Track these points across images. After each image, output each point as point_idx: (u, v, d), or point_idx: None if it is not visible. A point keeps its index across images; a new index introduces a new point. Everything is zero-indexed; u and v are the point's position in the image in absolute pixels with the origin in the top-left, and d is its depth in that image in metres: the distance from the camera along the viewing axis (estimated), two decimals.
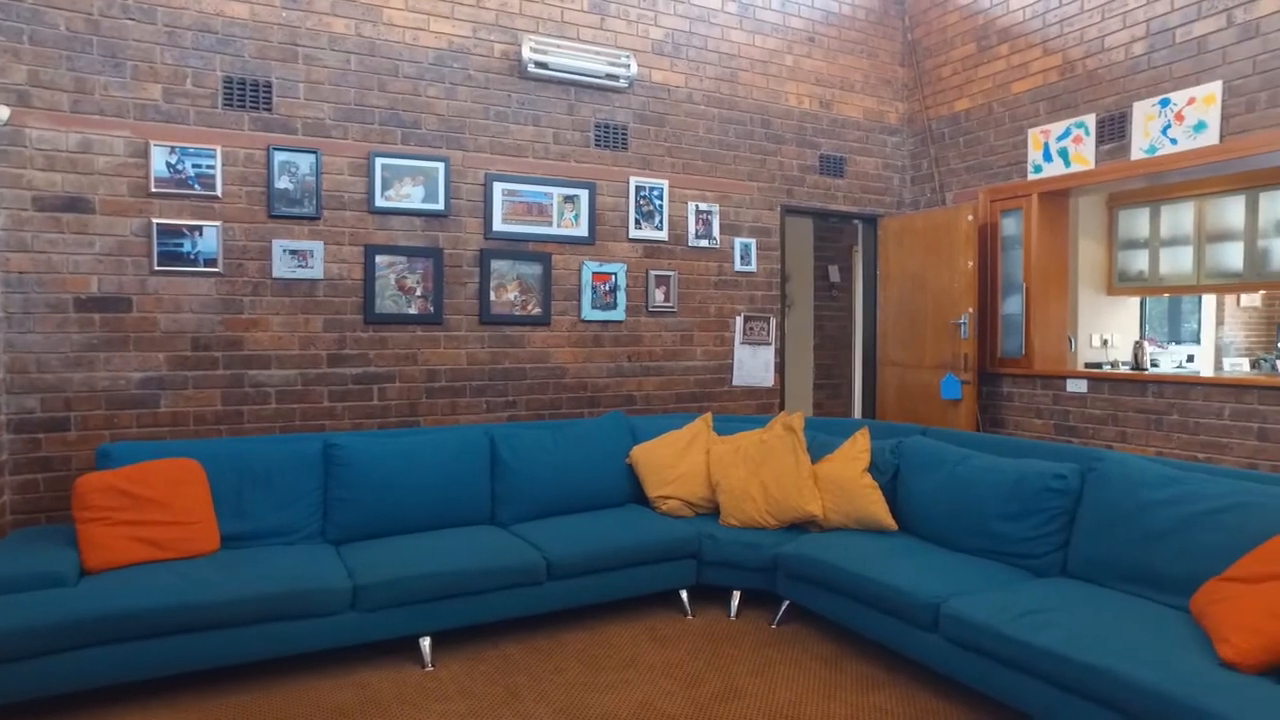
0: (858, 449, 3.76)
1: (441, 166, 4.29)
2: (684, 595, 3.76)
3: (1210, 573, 2.62)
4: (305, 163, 3.97)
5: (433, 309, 4.31)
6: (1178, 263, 6.46)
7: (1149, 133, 4.43)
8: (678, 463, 4.06)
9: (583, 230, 4.67)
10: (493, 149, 4.44)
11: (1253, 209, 6.01)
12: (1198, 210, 6.33)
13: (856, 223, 5.92)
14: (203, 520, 3.20)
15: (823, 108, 5.50)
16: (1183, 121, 4.27)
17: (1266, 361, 7.03)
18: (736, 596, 3.73)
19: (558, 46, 4.52)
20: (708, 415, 4.34)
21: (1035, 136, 5.05)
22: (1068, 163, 4.86)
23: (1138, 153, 4.49)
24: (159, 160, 3.65)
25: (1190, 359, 7.47)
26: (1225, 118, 4.12)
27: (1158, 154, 4.39)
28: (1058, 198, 5.13)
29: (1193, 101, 4.23)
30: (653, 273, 4.87)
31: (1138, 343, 6.83)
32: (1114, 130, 4.62)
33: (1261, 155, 4.01)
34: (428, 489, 3.70)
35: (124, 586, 2.76)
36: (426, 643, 3.20)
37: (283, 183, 3.93)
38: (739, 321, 5.17)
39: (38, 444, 3.53)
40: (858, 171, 5.68)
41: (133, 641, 2.69)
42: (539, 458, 3.97)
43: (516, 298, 4.51)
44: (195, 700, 2.87)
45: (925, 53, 5.79)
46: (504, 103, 4.47)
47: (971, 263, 5.09)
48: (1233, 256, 6.15)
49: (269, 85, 3.89)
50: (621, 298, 4.78)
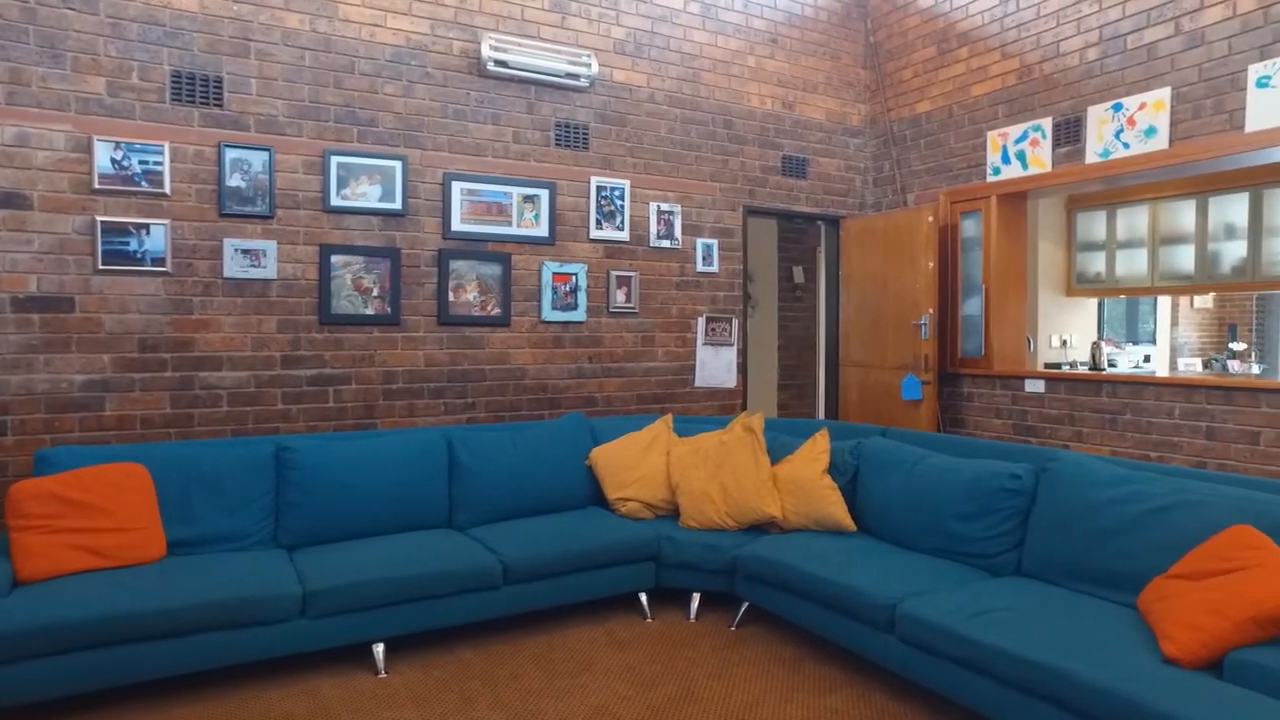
0: (817, 450, 3.77)
1: (399, 165, 4.23)
2: (643, 598, 3.73)
3: (1157, 570, 2.66)
4: (258, 160, 3.89)
5: (390, 310, 4.24)
6: (1133, 265, 6.58)
7: (1103, 137, 4.49)
8: (638, 464, 4.04)
9: (543, 230, 4.62)
10: (451, 148, 4.39)
11: (1203, 213, 6.14)
12: (1151, 214, 6.45)
13: (819, 224, 5.94)
14: (147, 526, 3.11)
15: (785, 109, 5.51)
16: (1134, 126, 4.34)
17: (1218, 361, 7.19)
18: (696, 599, 3.72)
19: (518, 45, 4.48)
20: (668, 417, 4.32)
21: (994, 139, 5.10)
22: (1025, 165, 4.92)
23: (1092, 156, 4.55)
24: (103, 156, 3.55)
25: (1147, 359, 7.61)
26: (1174, 123, 4.19)
27: (1111, 158, 4.46)
28: (1016, 199, 5.19)
29: (1143, 107, 4.29)
30: (614, 273, 4.84)
31: (1095, 343, 6.94)
32: (1070, 134, 4.68)
33: (1207, 160, 4.09)
34: (383, 492, 3.64)
35: (58, 597, 2.67)
36: (380, 649, 3.14)
37: (234, 180, 3.84)
38: (701, 322, 5.16)
39: None
40: (820, 173, 5.70)
41: (68, 654, 2.60)
42: (497, 460, 3.93)
43: (476, 298, 4.46)
44: (139, 713, 2.78)
45: (887, 55, 5.82)
46: (463, 101, 4.41)
47: (932, 264, 5.13)
48: (1184, 259, 6.28)
49: (220, 80, 3.80)
50: (582, 298, 4.75)
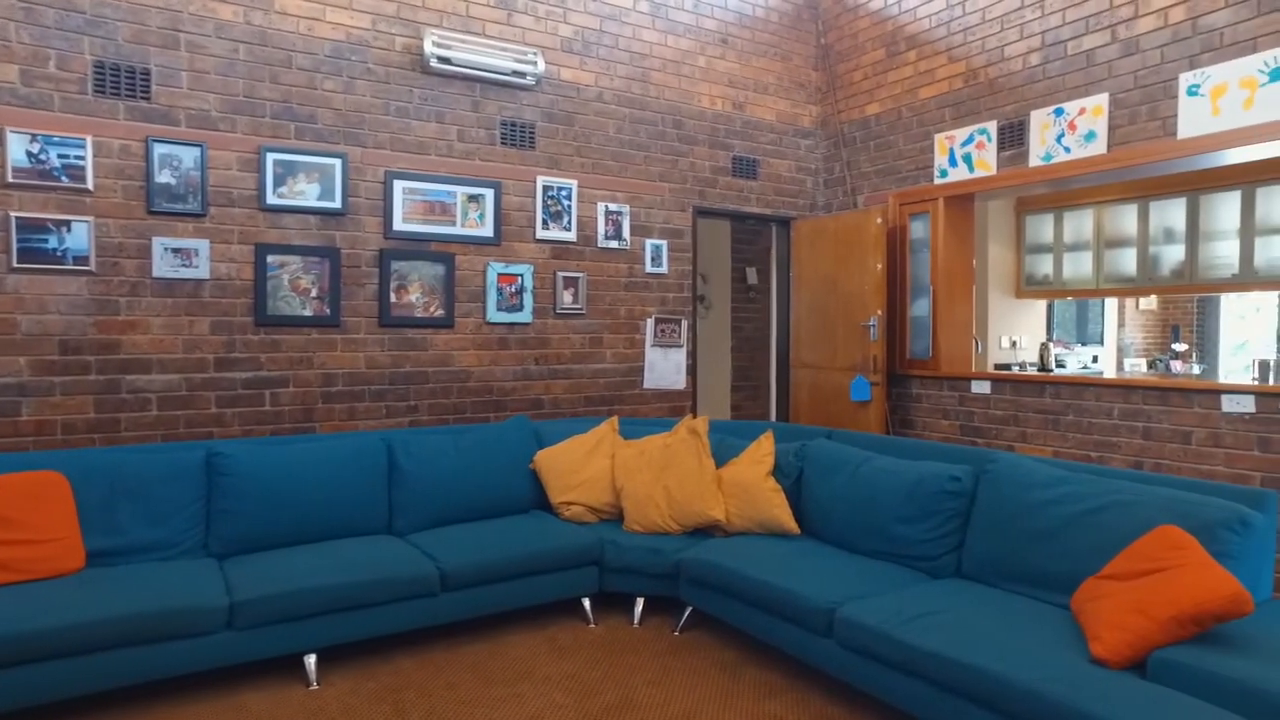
0: (762, 452, 3.75)
1: (338, 163, 4.12)
2: (586, 603, 3.68)
3: (1089, 571, 2.67)
4: (189, 156, 3.76)
5: (329, 310, 4.14)
6: (1079, 267, 6.69)
7: (1045, 140, 4.55)
8: (582, 468, 3.99)
9: (488, 230, 4.55)
10: (393, 146, 4.29)
11: (1143, 217, 6.26)
12: (1096, 217, 6.56)
13: (771, 225, 5.94)
14: (64, 538, 2.98)
15: (736, 109, 5.50)
16: (1075, 131, 4.40)
17: (1161, 362, 7.34)
18: (640, 603, 3.68)
19: (462, 41, 4.40)
20: (614, 419, 4.28)
21: (941, 141, 5.14)
22: (971, 168, 4.96)
23: (1035, 159, 4.61)
24: (17, 148, 3.40)
25: (1095, 359, 7.75)
26: (1112, 128, 4.25)
27: (1053, 161, 4.51)
28: (963, 201, 5.23)
29: (1083, 112, 4.35)
30: (561, 274, 4.78)
31: (1044, 344, 7.05)
32: (1014, 137, 4.73)
33: (1143, 165, 4.16)
34: (320, 498, 3.54)
35: None
36: (312, 660, 3.05)
37: (164, 177, 3.71)
38: (650, 324, 5.12)
39: None
40: (771, 174, 5.70)
41: None
42: (439, 464, 3.85)
43: (418, 299, 4.37)
44: None
45: (837, 57, 5.85)
46: (405, 98, 4.32)
47: (881, 265, 5.16)
48: (1127, 262, 6.40)
49: (146, 72, 3.67)
50: (528, 299, 4.68)
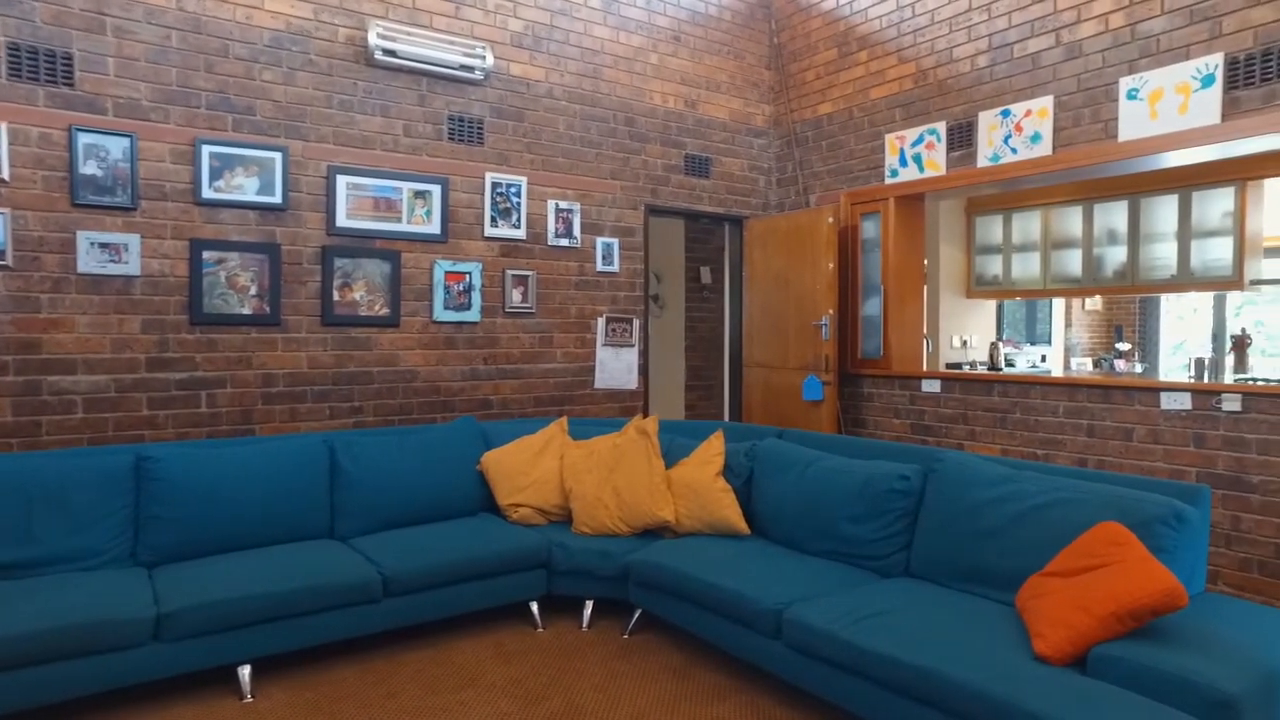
0: (712, 452, 3.72)
1: (279, 157, 4.00)
2: (534, 607, 3.62)
3: (1034, 568, 2.69)
4: (117, 147, 3.61)
5: (269, 309, 4.00)
6: (1027, 268, 6.80)
7: (993, 141, 4.60)
8: (530, 469, 3.91)
9: (435, 227, 4.45)
10: (336, 140, 4.17)
11: (1088, 219, 6.38)
12: (1043, 219, 6.67)
13: (724, 224, 5.93)
14: None
15: (688, 107, 5.47)
16: (1021, 132, 4.45)
17: (1106, 361, 7.50)
18: (589, 606, 3.62)
19: (408, 34, 4.29)
20: (563, 420, 4.21)
21: (892, 141, 5.17)
22: (921, 168, 5.00)
23: (983, 160, 4.66)
24: None
25: (1043, 359, 7.89)
26: (1057, 130, 4.31)
27: (1001, 162, 4.56)
28: (913, 201, 5.27)
29: (1029, 114, 4.41)
30: (510, 272, 4.70)
31: (994, 344, 7.15)
32: (962, 138, 4.77)
33: (1086, 167, 4.23)
34: (258, 503, 3.42)
35: None
36: (246, 671, 2.94)
37: (89, 168, 3.55)
38: (601, 323, 5.07)
39: None
40: (723, 172, 5.68)
41: None
42: (383, 466, 3.75)
43: (363, 297, 4.26)
44: None
45: (790, 57, 5.85)
46: (349, 91, 4.21)
47: (833, 264, 5.17)
48: (1073, 263, 6.51)
49: (69, 57, 3.50)
50: (476, 298, 4.59)
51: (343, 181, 4.18)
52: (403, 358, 4.38)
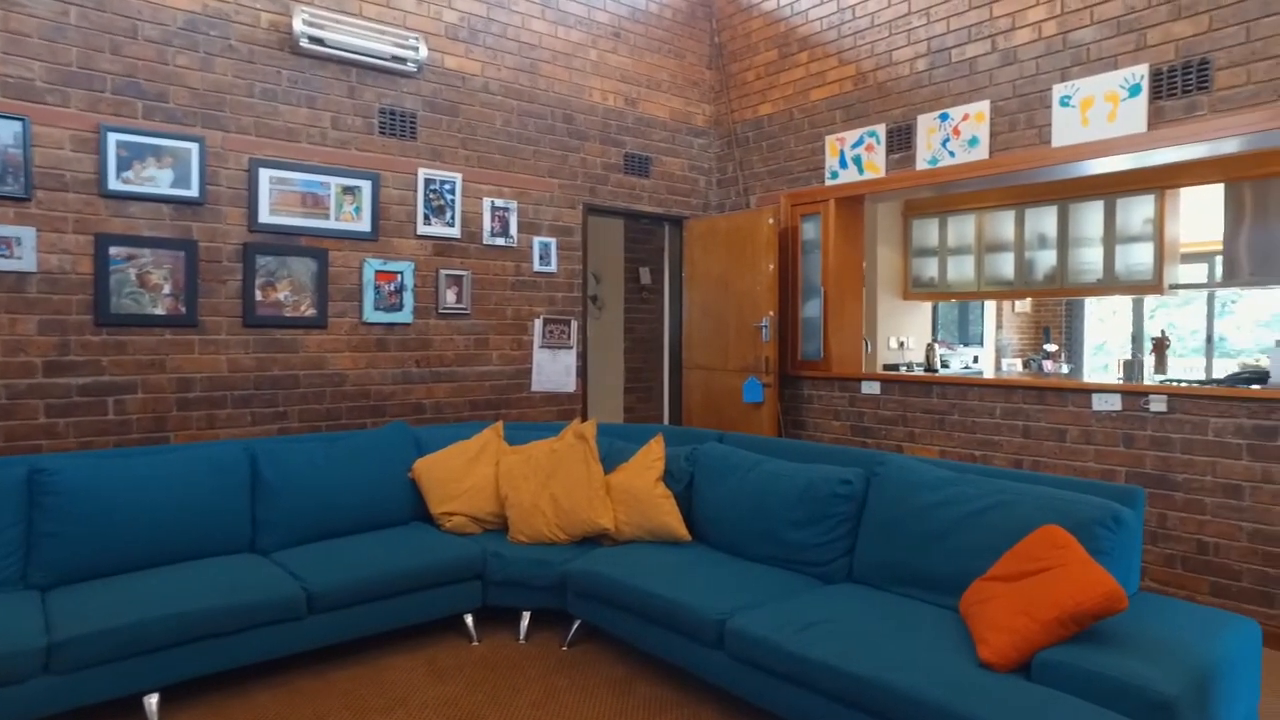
0: (652, 457, 3.63)
1: (195, 147, 3.76)
2: (469, 620, 3.47)
3: (977, 572, 2.67)
4: (7, 131, 3.33)
5: (185, 309, 3.76)
6: (962, 270, 6.91)
7: (931, 145, 4.63)
8: (465, 476, 3.77)
9: (365, 225, 4.26)
10: (259, 131, 3.95)
11: (1020, 223, 6.52)
12: (978, 222, 6.79)
13: (664, 224, 5.86)
14: None
15: (628, 105, 5.38)
16: (959, 136, 4.49)
17: (1034, 362, 7.69)
18: (526, 618, 3.49)
19: (336, 22, 4.10)
20: (499, 424, 4.07)
21: (832, 143, 5.17)
22: (861, 170, 5.01)
23: (922, 163, 4.68)
24: None
25: (975, 360, 8.04)
26: (993, 134, 4.36)
27: (939, 165, 4.60)
28: (853, 203, 5.28)
29: (967, 118, 4.45)
30: (444, 272, 4.53)
31: (929, 345, 7.25)
32: (902, 140, 4.79)
33: (1022, 171, 4.29)
34: (169, 516, 3.19)
35: None
36: (153, 701, 2.72)
37: None
38: (538, 324, 4.93)
39: None
40: (663, 172, 5.61)
41: None
42: (309, 475, 3.56)
43: (288, 297, 4.05)
44: None
45: (731, 56, 5.82)
46: (273, 80, 3.99)
47: (773, 266, 5.14)
48: (1006, 266, 6.65)
49: None
50: (409, 298, 4.41)
51: (266, 175, 3.97)
52: (330, 360, 4.18)
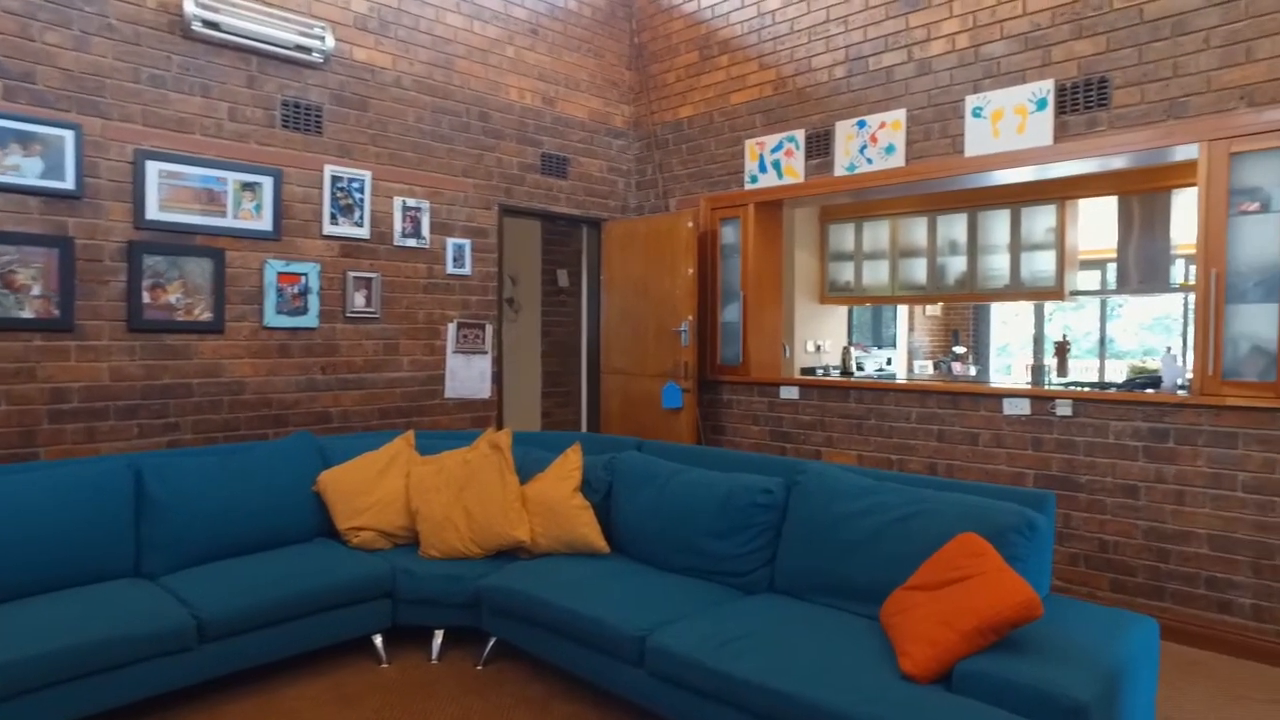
0: (569, 467, 3.53)
1: (70, 135, 3.46)
2: (378, 641, 3.30)
3: (897, 581, 2.67)
4: None
5: (59, 312, 3.46)
6: (877, 275, 7.04)
7: (849, 151, 4.67)
8: (373, 489, 3.59)
9: (265, 224, 4.02)
10: (146, 120, 3.67)
11: (933, 229, 6.68)
12: (892, 228, 6.93)
13: (581, 226, 5.76)
14: None
15: (546, 104, 5.26)
16: (876, 143, 4.55)
17: (944, 364, 7.92)
18: (439, 637, 3.34)
19: (233, 6, 3.84)
20: (409, 434, 3.90)
21: (752, 147, 5.17)
22: (780, 174, 5.03)
23: (840, 169, 4.72)
24: None
25: (889, 362, 8.22)
26: (909, 142, 4.43)
27: (857, 171, 4.64)
28: (772, 208, 5.30)
29: (884, 125, 4.51)
30: (352, 274, 4.32)
31: (845, 348, 7.37)
32: (820, 146, 4.83)
33: (936, 180, 4.37)
34: (35, 542, 2.91)
35: None
36: None
37: None
38: (452, 329, 4.76)
39: None
40: (581, 173, 5.51)
41: None
42: (203, 491, 3.32)
43: (180, 300, 3.77)
44: None
45: (651, 58, 5.76)
46: (162, 65, 3.71)
47: (692, 270, 5.11)
48: (919, 271, 6.81)
49: None
50: (314, 301, 4.18)
51: (154, 168, 3.69)
52: (228, 367, 3.92)
